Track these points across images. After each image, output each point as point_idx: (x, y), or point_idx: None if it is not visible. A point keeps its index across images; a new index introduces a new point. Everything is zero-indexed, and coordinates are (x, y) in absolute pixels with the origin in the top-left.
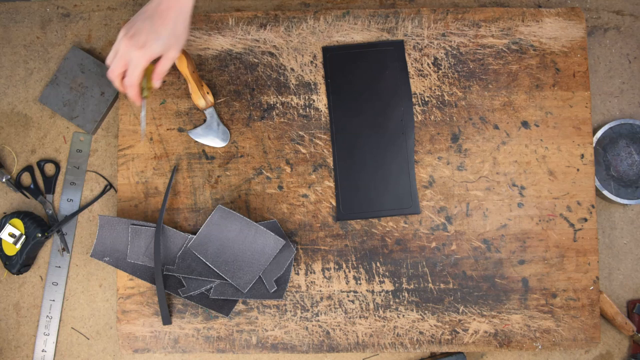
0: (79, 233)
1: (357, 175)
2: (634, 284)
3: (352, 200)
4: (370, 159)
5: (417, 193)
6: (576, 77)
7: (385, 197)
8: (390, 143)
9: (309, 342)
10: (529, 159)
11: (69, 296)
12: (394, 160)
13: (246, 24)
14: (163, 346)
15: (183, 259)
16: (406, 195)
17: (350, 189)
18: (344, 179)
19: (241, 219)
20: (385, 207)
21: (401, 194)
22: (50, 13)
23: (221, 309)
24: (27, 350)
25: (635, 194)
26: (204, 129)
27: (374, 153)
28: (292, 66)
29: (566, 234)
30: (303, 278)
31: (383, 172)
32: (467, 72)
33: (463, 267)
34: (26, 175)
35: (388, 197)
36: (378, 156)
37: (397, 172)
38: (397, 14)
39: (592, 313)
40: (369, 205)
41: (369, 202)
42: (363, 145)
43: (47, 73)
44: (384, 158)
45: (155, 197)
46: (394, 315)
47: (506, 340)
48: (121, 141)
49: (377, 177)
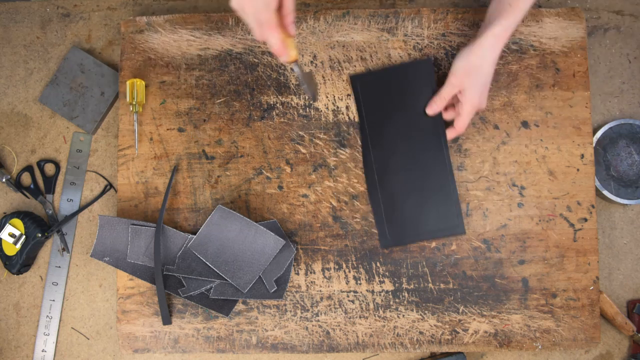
0: (79, 233)
1: (399, 198)
2: (634, 284)
3: (397, 226)
4: (410, 180)
5: (461, 212)
6: (576, 77)
7: (428, 219)
8: (429, 163)
9: (309, 342)
10: (529, 159)
11: (69, 296)
12: (435, 179)
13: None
14: (163, 346)
15: (183, 259)
16: (451, 215)
17: (393, 213)
18: (387, 203)
19: (241, 219)
20: (429, 229)
21: (445, 213)
22: (50, 13)
23: (221, 309)
24: (27, 350)
25: (635, 194)
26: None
27: (413, 174)
28: (292, 66)
29: (566, 234)
30: (303, 278)
31: (424, 193)
32: None
33: (463, 267)
34: (26, 175)
35: (431, 218)
36: (418, 177)
37: (439, 191)
38: (397, 14)
39: (592, 313)
40: (413, 229)
41: (412, 226)
42: (402, 166)
43: (47, 73)
44: (425, 178)
45: (155, 197)
46: (394, 315)
47: (506, 340)
48: (121, 141)
49: (419, 198)
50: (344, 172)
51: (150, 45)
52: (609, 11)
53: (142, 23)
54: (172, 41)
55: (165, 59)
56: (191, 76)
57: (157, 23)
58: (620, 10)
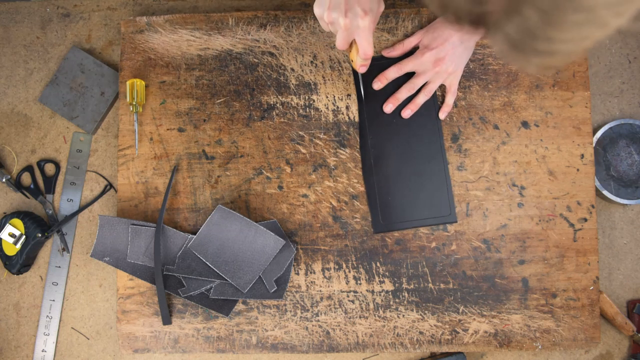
0: (79, 233)
1: (393, 183)
2: (634, 284)
3: (389, 211)
4: (405, 166)
5: (454, 200)
6: (576, 77)
7: (421, 205)
8: (424, 151)
9: (309, 342)
10: (529, 159)
11: (69, 296)
12: (429, 167)
13: (246, 24)
14: (163, 346)
15: (183, 259)
16: (443, 204)
17: (387, 198)
18: (381, 187)
19: (241, 219)
20: (422, 216)
21: (437, 202)
22: (50, 13)
23: (221, 309)
24: (27, 350)
25: (635, 194)
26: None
27: (408, 160)
28: (292, 66)
29: (566, 234)
30: (303, 278)
31: (418, 179)
32: (467, 72)
33: (463, 267)
34: (26, 175)
35: (424, 205)
36: (413, 163)
37: (433, 179)
38: (397, 14)
39: (592, 313)
40: (406, 215)
41: (405, 212)
42: (397, 152)
43: (47, 73)
44: (420, 165)
45: (155, 197)
46: (394, 315)
47: (506, 340)
48: (121, 141)
49: (412, 185)
50: (344, 172)
51: (150, 45)
52: None
53: (142, 23)
54: (172, 41)
55: (165, 59)
56: (191, 76)
57: (157, 23)
58: None
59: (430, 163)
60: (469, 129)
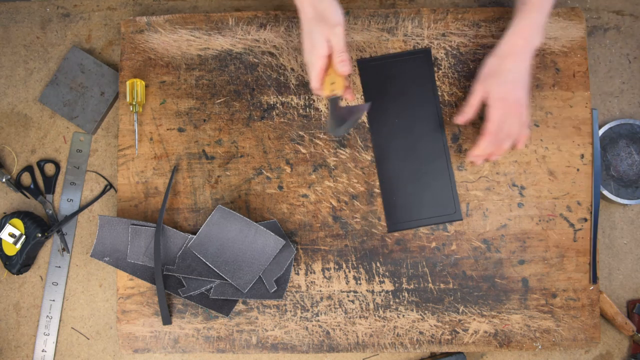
0: (79, 233)
1: (400, 183)
2: (634, 284)
3: (398, 210)
4: (409, 166)
5: (458, 198)
6: (576, 77)
7: (427, 204)
8: (427, 151)
9: (309, 342)
10: (529, 159)
11: (69, 296)
12: (433, 166)
13: (246, 24)
14: (163, 346)
15: (183, 259)
16: (448, 202)
17: (392, 198)
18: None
19: (241, 219)
20: (428, 215)
21: (442, 200)
22: (50, 13)
23: (221, 309)
24: (27, 350)
25: (635, 194)
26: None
27: (411, 161)
28: (292, 66)
29: (566, 234)
30: (303, 278)
31: (422, 179)
32: (467, 72)
33: (463, 267)
34: (26, 175)
35: (429, 204)
36: (416, 164)
37: (437, 178)
38: (397, 14)
39: (592, 313)
40: (412, 213)
41: (412, 211)
42: (402, 152)
43: (47, 73)
44: (423, 165)
45: (155, 197)
46: (394, 315)
47: (506, 340)
48: (121, 141)
49: (417, 184)
50: (344, 172)
51: (150, 45)
52: (609, 11)
53: (142, 23)
54: (172, 41)
55: (165, 59)
56: (191, 76)
57: (157, 23)
58: (621, 10)
59: (434, 163)
60: (469, 129)
